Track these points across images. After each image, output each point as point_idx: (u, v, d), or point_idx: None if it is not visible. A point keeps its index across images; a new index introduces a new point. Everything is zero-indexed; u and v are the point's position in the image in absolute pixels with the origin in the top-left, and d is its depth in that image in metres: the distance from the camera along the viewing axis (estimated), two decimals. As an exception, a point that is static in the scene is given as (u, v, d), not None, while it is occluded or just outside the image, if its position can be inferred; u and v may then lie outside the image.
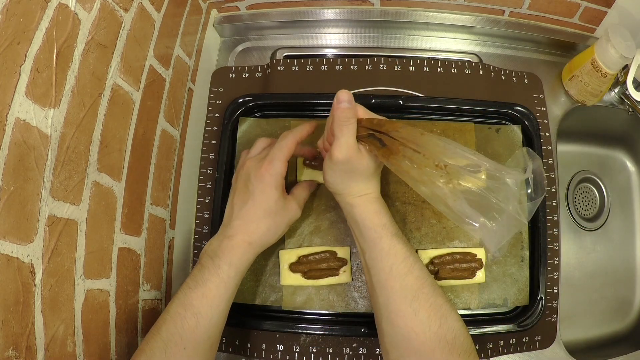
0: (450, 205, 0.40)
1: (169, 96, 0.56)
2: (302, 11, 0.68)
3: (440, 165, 0.40)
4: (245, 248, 0.47)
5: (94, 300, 0.42)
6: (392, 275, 0.44)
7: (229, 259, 0.45)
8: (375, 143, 0.43)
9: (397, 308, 0.43)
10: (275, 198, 0.47)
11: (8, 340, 0.31)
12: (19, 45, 0.32)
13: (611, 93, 0.67)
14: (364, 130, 0.44)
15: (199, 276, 0.45)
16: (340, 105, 0.43)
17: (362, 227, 0.46)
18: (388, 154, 0.42)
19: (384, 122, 0.44)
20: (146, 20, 0.49)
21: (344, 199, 0.48)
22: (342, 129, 0.43)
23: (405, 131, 0.42)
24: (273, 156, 0.47)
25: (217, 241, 0.47)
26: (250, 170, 0.48)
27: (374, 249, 0.45)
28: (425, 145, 0.41)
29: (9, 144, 0.31)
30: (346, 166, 0.44)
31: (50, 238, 0.36)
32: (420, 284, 0.43)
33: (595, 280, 0.71)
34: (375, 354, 0.56)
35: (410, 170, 0.41)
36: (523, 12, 0.66)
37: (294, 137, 0.49)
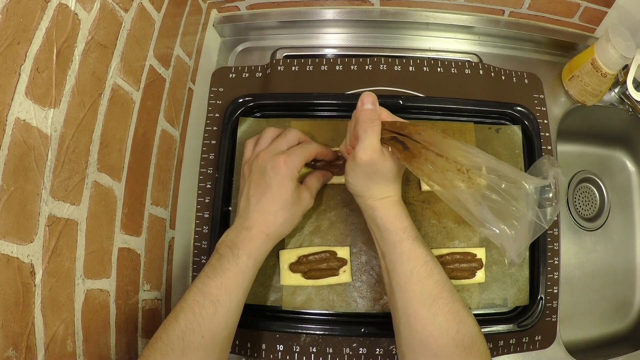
0: (471, 210, 0.40)
1: (169, 96, 0.56)
2: (302, 11, 0.68)
3: (462, 169, 0.40)
4: (264, 239, 0.47)
5: (94, 300, 0.42)
6: (412, 279, 0.44)
7: (247, 250, 0.46)
8: (398, 146, 0.44)
9: (415, 312, 0.43)
10: (292, 190, 0.48)
11: (8, 340, 0.31)
12: (19, 45, 0.32)
13: (611, 93, 0.67)
14: (387, 133, 0.44)
15: (217, 265, 0.45)
16: (364, 107, 0.43)
17: (383, 230, 0.46)
18: (410, 157, 0.43)
19: (407, 124, 0.44)
20: (146, 20, 0.49)
21: (365, 201, 0.48)
22: (366, 131, 0.43)
23: (427, 134, 0.42)
24: (294, 152, 0.48)
25: (235, 232, 0.47)
26: (266, 163, 0.48)
27: (394, 252, 0.45)
28: (448, 149, 0.41)
29: (9, 144, 0.31)
30: (369, 168, 0.44)
31: (50, 238, 0.36)
32: (439, 288, 0.43)
33: (595, 280, 0.71)
34: (375, 354, 0.56)
35: (432, 174, 0.42)
36: (523, 12, 0.66)
37: (318, 148, 0.51)
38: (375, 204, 0.47)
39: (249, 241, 0.46)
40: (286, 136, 0.51)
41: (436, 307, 0.43)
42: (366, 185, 0.46)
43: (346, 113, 0.61)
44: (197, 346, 0.42)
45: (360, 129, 0.43)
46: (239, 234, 0.47)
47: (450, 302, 0.43)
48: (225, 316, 0.44)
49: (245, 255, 0.46)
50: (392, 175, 0.46)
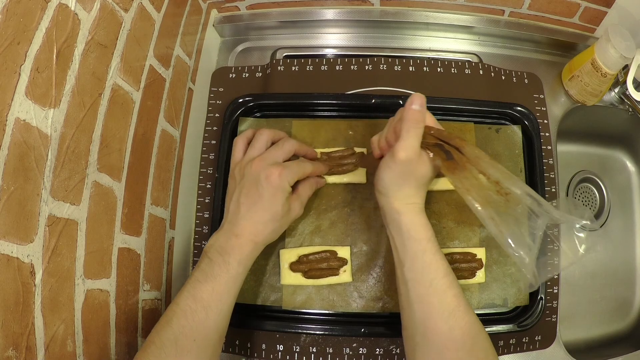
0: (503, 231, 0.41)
1: (169, 96, 0.56)
2: (302, 11, 0.68)
3: (501, 192, 0.41)
4: (252, 247, 0.47)
5: (94, 300, 0.42)
6: (431, 291, 0.43)
7: (237, 257, 0.46)
8: (441, 154, 0.44)
9: (434, 325, 0.43)
10: (283, 202, 0.48)
11: (8, 340, 0.31)
12: (19, 45, 0.32)
13: (611, 93, 0.67)
14: (431, 139, 0.45)
15: (208, 271, 0.46)
16: (412, 107, 0.43)
17: (406, 238, 0.45)
18: (453, 168, 0.43)
19: (454, 136, 0.44)
20: (146, 20, 0.49)
21: (391, 203, 0.46)
22: (409, 131, 0.43)
23: (473, 151, 0.43)
24: (290, 167, 0.48)
25: (225, 237, 0.47)
26: (260, 172, 0.48)
27: (415, 261, 0.45)
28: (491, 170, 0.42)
29: (9, 144, 0.31)
30: (405, 168, 0.44)
31: (50, 238, 0.36)
32: (457, 302, 0.43)
33: (595, 280, 0.71)
34: (375, 354, 0.56)
35: (472, 189, 0.42)
36: (523, 12, 0.66)
37: (313, 168, 0.52)
38: (402, 209, 0.46)
39: (239, 248, 0.47)
40: (283, 147, 0.51)
41: (453, 320, 0.42)
42: (397, 185, 0.45)
43: (346, 113, 0.61)
44: (189, 350, 0.43)
45: (403, 128, 0.43)
46: (229, 240, 0.47)
47: (467, 315, 0.43)
48: (216, 320, 0.45)
49: (236, 262, 0.46)
50: (425, 180, 0.46)
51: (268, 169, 0.47)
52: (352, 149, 0.58)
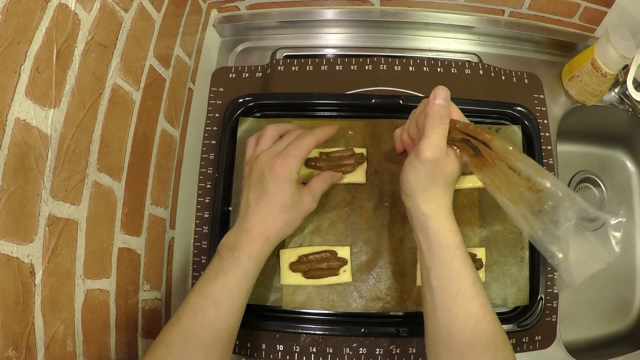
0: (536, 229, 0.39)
1: (169, 96, 0.56)
2: (302, 11, 0.68)
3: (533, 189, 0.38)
4: (264, 241, 0.47)
5: (94, 300, 0.42)
6: (457, 300, 0.42)
7: (248, 252, 0.46)
8: (468, 150, 0.41)
9: (458, 334, 0.41)
10: (291, 193, 0.47)
11: (8, 340, 0.31)
12: (19, 45, 0.32)
13: (611, 93, 0.67)
14: (457, 134, 0.42)
15: (219, 267, 0.45)
16: (436, 102, 0.41)
17: (434, 244, 0.43)
18: (482, 164, 0.41)
19: (482, 130, 0.41)
20: (146, 20, 0.49)
21: (418, 206, 0.44)
22: (435, 127, 0.41)
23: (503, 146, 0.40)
24: (289, 153, 0.47)
25: (235, 234, 0.47)
26: (264, 166, 0.47)
27: (442, 268, 0.43)
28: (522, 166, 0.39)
29: (9, 144, 0.31)
30: (432, 167, 0.42)
31: (50, 238, 0.36)
32: (483, 311, 0.42)
33: (595, 280, 0.71)
34: (375, 354, 0.56)
35: (502, 186, 0.40)
36: (523, 12, 0.66)
37: (315, 138, 0.49)
38: (430, 212, 0.43)
39: (249, 243, 0.46)
40: (289, 138, 0.50)
41: (479, 331, 0.41)
42: (424, 185, 0.43)
43: (346, 113, 0.61)
44: (198, 348, 0.42)
45: (428, 124, 0.41)
46: (239, 237, 0.46)
47: (492, 325, 0.42)
48: (226, 318, 0.44)
49: (246, 257, 0.45)
50: (452, 179, 0.44)
51: (270, 162, 0.47)
52: (352, 150, 0.58)
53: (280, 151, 0.48)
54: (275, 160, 0.47)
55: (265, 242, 0.47)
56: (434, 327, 0.43)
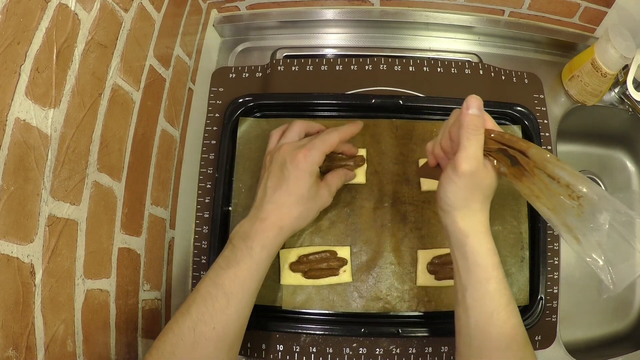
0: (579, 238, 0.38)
1: (169, 96, 0.56)
2: (302, 11, 0.68)
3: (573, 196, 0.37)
4: (277, 232, 0.46)
5: (94, 300, 0.42)
6: (491, 321, 0.41)
7: (261, 241, 0.45)
8: (505, 160, 0.40)
9: (489, 354, 0.41)
10: (309, 185, 0.47)
11: (8, 340, 0.31)
12: (19, 45, 0.32)
13: (611, 93, 0.67)
14: (492, 144, 0.41)
15: (231, 257, 0.45)
16: (469, 112, 0.39)
17: (472, 264, 0.42)
18: (520, 174, 0.39)
19: (517, 139, 0.40)
20: (146, 20, 0.49)
21: (457, 223, 0.42)
22: (470, 139, 0.39)
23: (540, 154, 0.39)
24: (313, 145, 0.48)
25: (249, 223, 0.47)
26: (286, 155, 0.48)
27: (478, 289, 0.42)
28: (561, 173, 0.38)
29: (9, 144, 0.31)
30: (470, 180, 0.40)
31: (50, 238, 0.36)
32: (515, 332, 0.42)
33: (595, 280, 0.71)
34: (375, 354, 0.56)
35: (541, 195, 0.39)
36: (523, 12, 0.66)
37: (340, 135, 0.50)
38: (468, 230, 0.42)
39: (262, 232, 0.46)
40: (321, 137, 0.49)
41: (510, 352, 0.41)
42: (463, 200, 0.41)
43: (346, 113, 0.61)
44: (208, 337, 0.42)
45: (463, 136, 0.39)
46: (253, 225, 0.46)
47: (524, 346, 0.42)
48: (237, 308, 0.44)
49: (259, 247, 0.45)
50: (490, 191, 0.42)
51: (293, 152, 0.47)
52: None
53: (305, 144, 0.48)
54: (298, 151, 0.47)
55: (279, 232, 0.47)
56: (466, 346, 0.43)
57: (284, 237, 0.48)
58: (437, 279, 0.55)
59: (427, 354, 0.56)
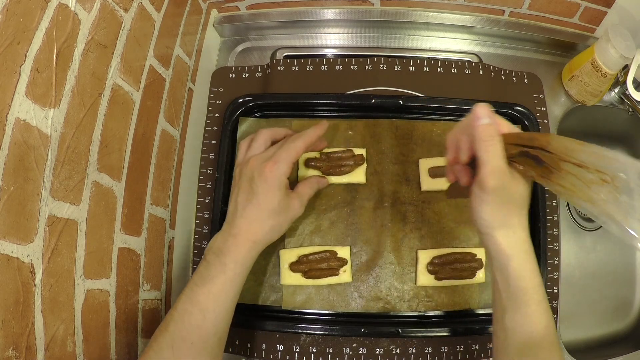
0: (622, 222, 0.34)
1: (169, 96, 0.56)
2: (302, 11, 0.68)
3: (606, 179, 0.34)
4: (250, 246, 0.47)
5: (94, 300, 0.42)
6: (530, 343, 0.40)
7: (234, 257, 0.46)
8: (530, 162, 0.38)
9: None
10: (279, 199, 0.47)
11: (8, 340, 0.31)
12: (19, 45, 0.32)
13: (611, 93, 0.67)
14: (512, 148, 0.38)
15: (205, 273, 0.45)
16: (479, 123, 0.37)
17: (514, 287, 0.40)
18: (548, 173, 0.37)
19: (534, 135, 0.38)
20: (146, 20, 0.49)
21: (498, 245, 0.40)
22: (488, 151, 0.37)
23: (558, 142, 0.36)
24: (278, 157, 0.47)
25: (222, 238, 0.47)
26: (254, 170, 0.48)
27: (519, 311, 0.41)
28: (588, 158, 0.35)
29: (9, 144, 0.31)
30: (501, 195, 0.38)
31: (50, 238, 0.36)
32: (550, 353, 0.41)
33: (595, 280, 0.71)
34: (375, 354, 0.56)
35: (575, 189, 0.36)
36: (523, 12, 0.66)
37: (304, 141, 0.49)
38: (511, 251, 0.40)
39: (235, 248, 0.46)
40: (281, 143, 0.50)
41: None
42: (500, 218, 0.39)
43: (346, 113, 0.61)
44: (186, 353, 0.43)
45: (480, 150, 0.37)
46: (226, 241, 0.47)
47: None
48: (214, 323, 0.44)
49: (232, 262, 0.46)
50: (523, 200, 0.40)
51: (260, 166, 0.47)
52: (351, 150, 0.58)
53: (271, 156, 0.48)
54: (265, 165, 0.47)
55: (252, 247, 0.47)
56: None
57: (258, 250, 0.48)
58: (437, 279, 0.55)
59: (427, 354, 0.56)
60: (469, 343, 0.56)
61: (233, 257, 0.46)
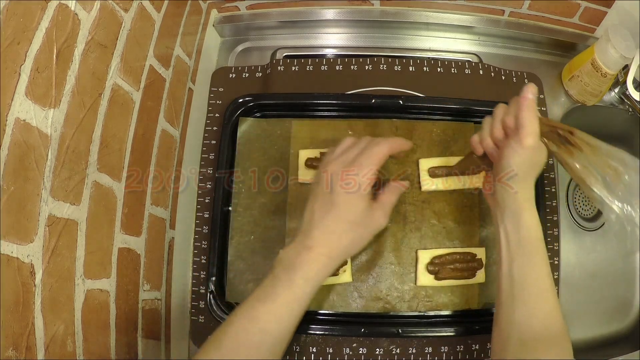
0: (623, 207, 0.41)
1: (169, 96, 0.56)
2: (302, 11, 0.68)
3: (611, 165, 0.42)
4: (324, 262, 0.43)
5: (94, 300, 0.42)
6: (534, 291, 0.43)
7: (305, 273, 0.42)
8: (557, 139, 0.44)
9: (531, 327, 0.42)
10: (361, 209, 0.43)
11: (8, 340, 0.31)
12: (19, 45, 0.32)
13: (611, 93, 0.67)
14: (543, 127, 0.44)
15: (270, 288, 0.42)
16: (529, 96, 0.42)
17: (524, 237, 0.44)
18: (570, 152, 0.43)
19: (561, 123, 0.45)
20: (146, 20, 0.49)
21: (517, 195, 0.44)
22: (532, 118, 0.42)
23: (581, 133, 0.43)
24: (361, 162, 0.43)
25: (294, 251, 0.43)
26: (333, 175, 0.44)
27: (527, 261, 0.43)
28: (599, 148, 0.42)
29: (9, 144, 0.31)
30: (531, 154, 0.43)
31: (50, 238, 0.36)
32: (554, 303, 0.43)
33: (595, 280, 0.71)
34: (375, 354, 0.56)
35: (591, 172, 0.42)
36: (523, 12, 0.66)
37: (390, 146, 0.45)
38: (525, 203, 0.44)
39: (308, 263, 0.42)
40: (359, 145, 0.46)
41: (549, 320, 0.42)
42: (523, 173, 0.43)
43: (346, 113, 0.61)
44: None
45: (524, 117, 0.42)
46: (299, 254, 0.42)
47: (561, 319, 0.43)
48: (272, 345, 0.41)
49: (302, 280, 0.41)
50: (540, 169, 0.45)
51: (342, 173, 0.43)
52: None
53: (352, 160, 0.44)
54: (347, 171, 0.43)
55: (327, 263, 0.43)
56: (508, 317, 0.43)
57: (333, 267, 0.44)
58: (437, 279, 0.55)
59: (427, 354, 0.56)
60: (469, 343, 0.56)
61: (304, 273, 0.42)
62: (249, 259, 0.57)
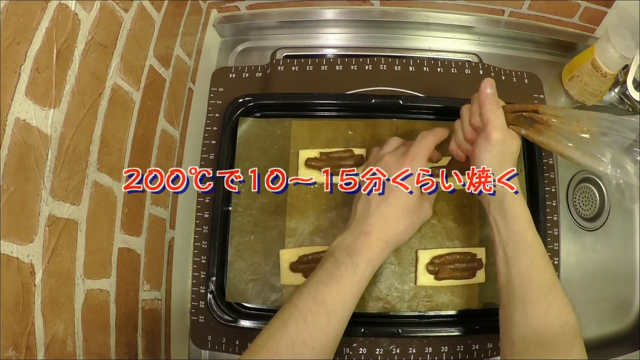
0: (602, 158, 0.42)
1: (169, 96, 0.56)
2: (302, 11, 0.68)
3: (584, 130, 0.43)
4: (382, 246, 0.45)
5: (94, 300, 0.42)
6: (532, 268, 0.44)
7: (366, 257, 0.44)
8: (524, 122, 0.45)
9: (533, 300, 0.43)
10: (415, 198, 0.46)
11: (8, 340, 0.31)
12: (19, 45, 0.32)
13: (611, 93, 0.67)
14: (509, 115, 0.46)
15: (333, 271, 0.43)
16: (487, 92, 0.45)
17: (511, 218, 0.45)
18: (539, 131, 0.45)
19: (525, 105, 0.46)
20: (146, 20, 0.49)
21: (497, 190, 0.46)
22: (494, 112, 0.44)
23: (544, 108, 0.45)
24: (415, 153, 0.47)
25: (352, 237, 0.45)
26: (390, 166, 0.47)
27: (518, 240, 0.45)
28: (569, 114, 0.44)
29: (9, 144, 0.31)
30: (501, 147, 0.45)
31: (50, 238, 0.36)
32: (554, 279, 0.44)
33: (596, 280, 0.71)
34: (375, 354, 0.56)
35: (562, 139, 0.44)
36: (523, 12, 0.66)
37: (434, 137, 0.50)
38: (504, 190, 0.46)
39: (368, 247, 0.44)
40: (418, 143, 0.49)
41: (551, 296, 0.42)
42: (498, 165, 0.45)
43: (346, 113, 0.61)
44: (306, 357, 0.40)
45: (488, 112, 0.44)
46: (357, 239, 0.45)
47: (562, 293, 0.43)
48: (337, 327, 0.42)
49: (364, 263, 0.44)
50: (516, 157, 0.47)
51: (398, 161, 0.47)
52: (351, 150, 0.58)
53: (405, 152, 0.48)
54: (403, 160, 0.47)
55: (384, 247, 0.45)
56: (510, 298, 0.44)
57: (388, 252, 0.47)
58: (437, 279, 0.55)
59: (427, 354, 0.56)
60: (469, 343, 0.56)
61: (365, 256, 0.44)
62: (249, 259, 0.57)
